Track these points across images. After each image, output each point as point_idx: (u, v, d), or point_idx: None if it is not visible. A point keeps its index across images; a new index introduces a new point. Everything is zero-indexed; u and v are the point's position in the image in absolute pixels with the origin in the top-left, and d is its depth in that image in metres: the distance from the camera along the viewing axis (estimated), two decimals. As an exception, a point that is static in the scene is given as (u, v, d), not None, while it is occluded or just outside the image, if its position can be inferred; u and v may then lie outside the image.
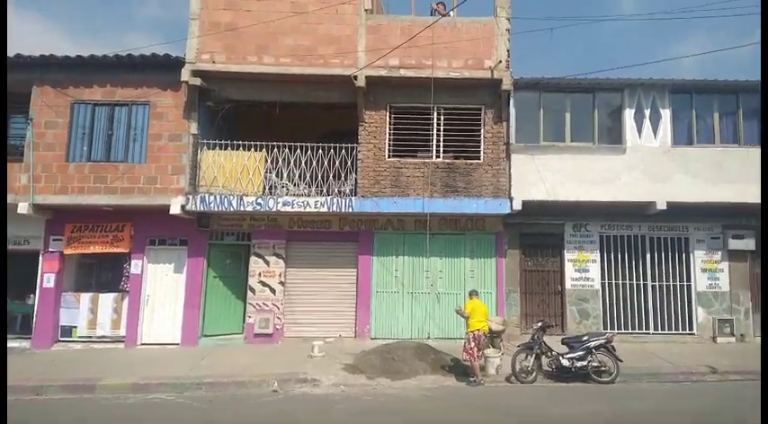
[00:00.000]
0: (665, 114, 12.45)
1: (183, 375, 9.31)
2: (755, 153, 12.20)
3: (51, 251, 11.92)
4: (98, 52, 11.88)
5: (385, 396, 8.40)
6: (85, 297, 12.10)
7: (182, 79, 11.63)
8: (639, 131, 12.41)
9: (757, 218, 12.43)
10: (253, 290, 12.23)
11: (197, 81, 11.71)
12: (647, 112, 12.45)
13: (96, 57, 11.77)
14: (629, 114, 12.46)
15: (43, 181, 11.55)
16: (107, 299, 12.10)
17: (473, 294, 9.96)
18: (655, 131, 12.41)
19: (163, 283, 12.21)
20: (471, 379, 9.21)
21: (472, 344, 9.33)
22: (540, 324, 9.87)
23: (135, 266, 12.10)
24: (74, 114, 11.94)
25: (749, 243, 12.48)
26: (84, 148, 11.87)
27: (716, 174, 12.13)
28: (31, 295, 12.05)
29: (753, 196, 11.91)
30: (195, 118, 12.00)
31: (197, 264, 12.18)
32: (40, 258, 11.96)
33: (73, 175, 11.63)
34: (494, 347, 10.36)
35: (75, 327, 11.96)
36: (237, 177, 11.94)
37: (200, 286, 12.14)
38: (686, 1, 13.62)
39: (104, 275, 12.58)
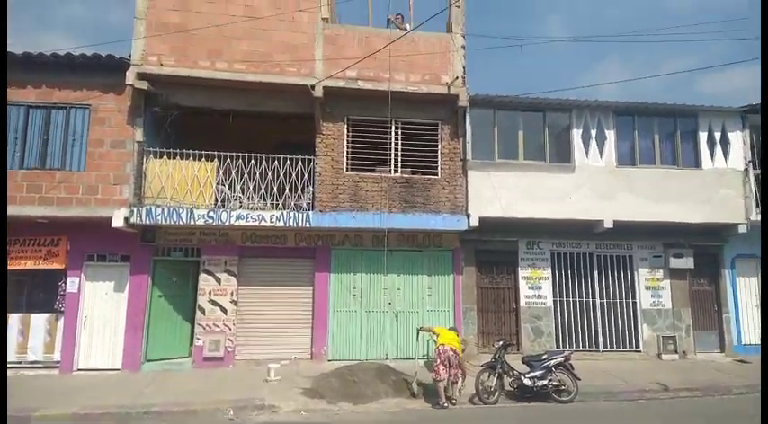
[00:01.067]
0: (610, 135, 12.93)
1: (128, 404, 8.58)
2: (693, 174, 12.91)
3: (-26, 267, 10.77)
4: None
5: (350, 422, 8.07)
6: (15, 318, 10.97)
7: (126, 82, 10.85)
8: (587, 151, 12.81)
9: (695, 238, 13.12)
10: (202, 310, 11.53)
11: (143, 84, 11.00)
12: (594, 133, 12.88)
13: (31, 56, 10.79)
14: (576, 134, 12.85)
15: (-33, 189, 10.45)
16: (40, 320, 11.04)
17: (452, 329, 10.08)
18: (601, 151, 12.85)
19: (102, 302, 11.28)
20: (438, 402, 8.97)
21: (437, 361, 9.14)
22: (501, 343, 9.85)
23: (71, 284, 11.13)
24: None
25: (688, 262, 13.08)
26: (17, 154, 10.87)
27: (657, 194, 12.68)
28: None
29: (691, 216, 12.58)
30: (141, 124, 11.24)
31: (140, 282, 11.35)
32: (-39, 274, 10.79)
33: (3, 183, 10.60)
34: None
35: (3, 351, 10.84)
36: (187, 188, 11.27)
37: (144, 305, 11.30)
38: (605, 24, 14.29)
39: (37, 293, 11.40)
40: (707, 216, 12.71)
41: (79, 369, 10.94)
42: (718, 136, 13.16)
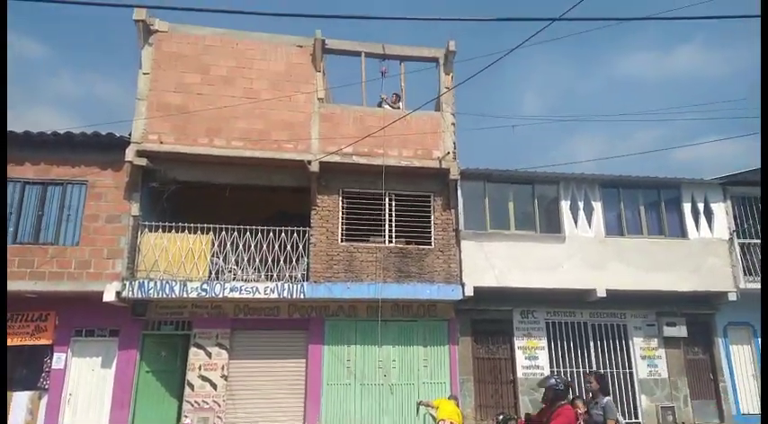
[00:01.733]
0: (597, 206, 13.30)
1: (114, 488, 8.15)
2: (680, 244, 13.22)
3: (-42, 343, 10.47)
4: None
5: None
6: (-6, 397, 10.58)
7: (126, 159, 11.11)
8: (576, 221, 13.12)
9: (687, 306, 13.22)
10: (191, 386, 11.19)
11: (142, 161, 11.25)
12: (581, 204, 13.25)
13: (31, 134, 11.08)
14: (565, 205, 13.20)
15: (-43, 264, 10.34)
16: (21, 398, 10.60)
17: (452, 397, 9.87)
18: (589, 221, 13.16)
19: (88, 379, 10.96)
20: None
21: (439, 436, 8.92)
22: (501, 417, 9.56)
23: (57, 360, 10.83)
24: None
25: (681, 330, 13.09)
26: (10, 229, 10.87)
27: (647, 263, 12.88)
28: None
29: (681, 285, 12.75)
30: (137, 198, 11.40)
31: (128, 357, 11.08)
32: (-58, 351, 10.45)
33: (-6, 258, 10.52)
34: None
35: (-21, 434, 10.33)
36: (181, 261, 11.27)
37: (131, 382, 10.97)
38: (580, 100, 15.07)
39: (19, 370, 11.05)
40: (696, 285, 12.88)
41: (61, 451, 10.43)
42: (701, 206, 13.57)
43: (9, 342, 10.68)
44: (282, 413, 11.48)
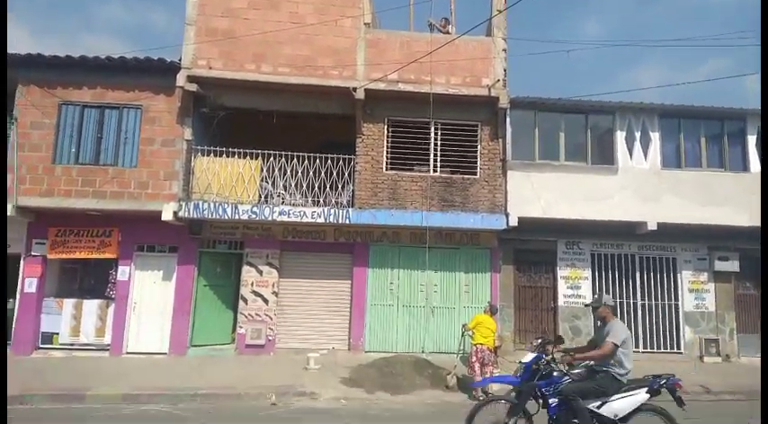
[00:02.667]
0: (655, 137, 12.77)
1: (176, 386, 8.96)
2: (740, 178, 12.66)
3: (34, 255, 11.43)
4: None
5: (390, 411, 8.25)
6: (68, 303, 11.62)
7: (177, 84, 11.36)
8: (630, 153, 12.69)
9: (742, 241, 12.79)
10: (245, 300, 11.94)
11: (193, 86, 11.47)
12: (638, 135, 12.75)
13: (87, 59, 11.44)
14: (620, 136, 12.74)
15: (28, 183, 11.10)
16: (91, 306, 11.65)
17: (491, 308, 9.99)
18: (645, 153, 12.70)
19: (151, 290, 11.82)
20: (473, 394, 9.12)
21: (474, 358, 9.28)
22: (540, 341, 9.75)
23: (122, 272, 11.70)
24: (61, 115, 11.56)
25: (734, 265, 12.79)
26: (73, 150, 11.48)
27: (703, 197, 12.45)
28: (11, 300, 11.48)
29: (738, 219, 12.32)
30: (189, 123, 11.74)
31: (187, 272, 11.84)
32: (21, 261, 11.46)
33: (60, 177, 11.22)
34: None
35: (57, 334, 11.47)
36: (232, 185, 11.70)
37: (190, 294, 11.79)
38: (641, 27, 14.09)
39: (88, 281, 12.12)
40: (754, 220, 12.36)
41: (128, 352, 11.49)
42: (768, 138, 12.83)
43: (77, 255, 11.62)
44: (329, 329, 12.16)
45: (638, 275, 13.04)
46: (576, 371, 5.79)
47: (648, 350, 12.66)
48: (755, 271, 13.14)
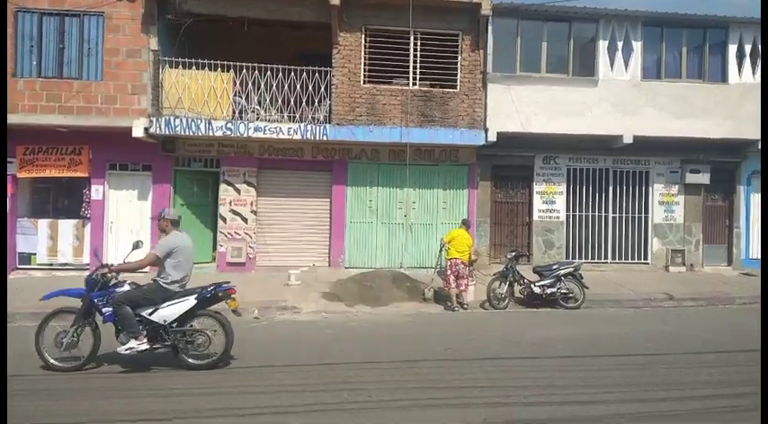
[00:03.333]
0: (637, 47, 12.57)
1: (159, 303, 9.09)
2: (718, 89, 12.66)
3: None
4: None
5: (369, 322, 8.55)
6: (43, 223, 11.47)
7: (138, -13, 10.64)
8: (612, 63, 12.52)
9: (714, 153, 13.03)
10: (224, 219, 11.91)
11: (156, -10, 10.75)
12: (620, 45, 12.51)
13: (42, -40, 10.56)
14: (602, 46, 12.49)
15: (-12, 98, 10.55)
16: (67, 225, 11.52)
17: (464, 224, 10.12)
18: (626, 64, 12.55)
19: (126, 209, 11.68)
20: (448, 304, 9.51)
21: (449, 272, 9.57)
22: (513, 254, 10.15)
23: (96, 191, 11.47)
24: (18, 23, 10.83)
25: (705, 177, 13.07)
26: (34, 63, 10.88)
27: (680, 109, 12.48)
28: (-17, 222, 11.27)
29: (712, 131, 12.46)
30: (155, 32, 11.10)
31: (162, 191, 11.66)
32: (-10, 181, 11.14)
33: (23, 92, 10.69)
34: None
35: (35, 254, 11.42)
36: (204, 99, 11.27)
37: (168, 213, 11.67)
38: None
39: (62, 200, 11.85)
40: (729, 132, 12.57)
41: (108, 271, 11.49)
42: (748, 48, 12.75)
43: (47, 174, 11.32)
44: (309, 246, 12.32)
45: (610, 188, 13.28)
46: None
47: (616, 261, 13.18)
48: (725, 183, 13.54)
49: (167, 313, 5.80)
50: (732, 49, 12.76)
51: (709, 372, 5.96)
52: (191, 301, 5.87)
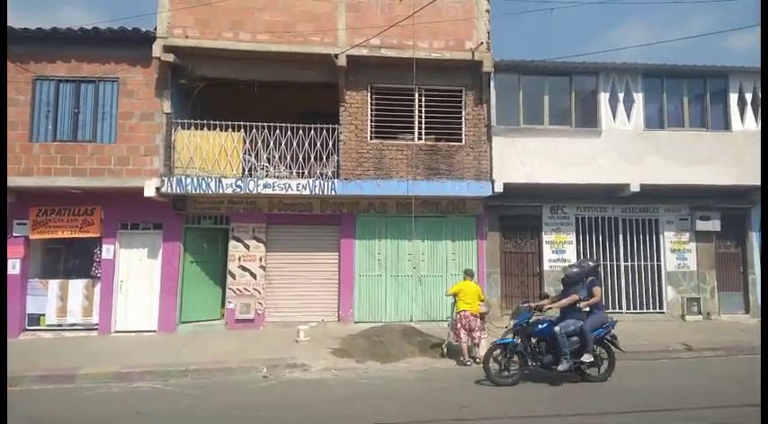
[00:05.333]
0: (638, 98, 12.78)
1: (167, 363, 8.98)
2: (722, 137, 12.77)
3: (16, 236, 11.22)
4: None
5: (380, 379, 8.34)
6: (54, 284, 11.52)
7: (153, 55, 11.08)
8: (614, 114, 12.70)
9: (722, 200, 12.99)
10: (233, 275, 11.92)
11: (169, 57, 11.17)
12: (621, 96, 12.75)
13: (60, 31, 11.09)
14: (603, 97, 12.72)
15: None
16: (77, 285, 11.56)
17: (467, 274, 9.95)
18: (628, 114, 12.73)
19: (137, 268, 11.72)
20: (461, 359, 9.30)
21: (458, 325, 9.40)
22: (525, 305, 9.88)
23: (107, 251, 11.56)
24: (36, 90, 11.28)
25: (715, 224, 12.99)
26: (50, 127, 11.23)
27: (686, 157, 12.55)
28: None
29: (719, 178, 12.48)
30: (168, 96, 11.48)
31: (173, 249, 11.74)
32: (3, 243, 11.28)
33: (38, 156, 11.00)
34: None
35: (44, 315, 11.40)
36: (215, 158, 11.51)
37: (177, 271, 11.70)
38: None
39: (73, 260, 11.92)
40: (736, 179, 12.57)
41: (117, 331, 11.47)
42: (749, 97, 12.94)
43: (59, 235, 11.45)
44: (318, 301, 12.22)
45: (621, 237, 13.22)
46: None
47: (631, 311, 12.94)
48: (736, 230, 13.43)
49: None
50: (733, 98, 12.96)
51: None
52: None
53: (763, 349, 4.76)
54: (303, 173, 11.68)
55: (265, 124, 11.63)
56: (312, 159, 11.72)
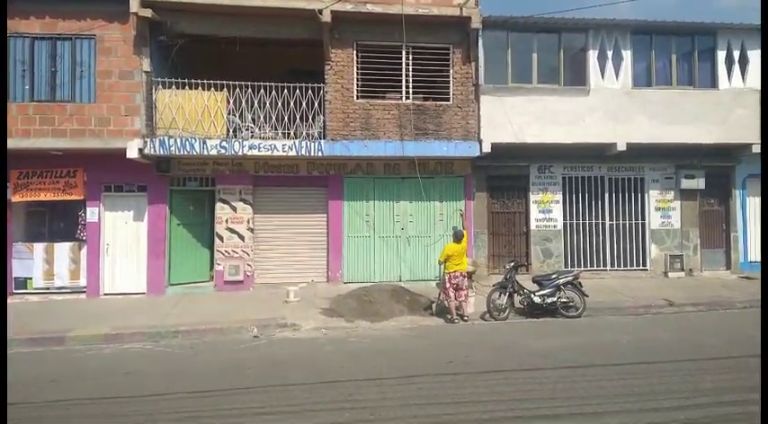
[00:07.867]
0: (627, 55, 12.65)
1: (157, 324, 9.01)
2: (708, 95, 12.75)
3: (-4, 199, 11.04)
4: None
5: (369, 337, 8.47)
6: (39, 247, 11.40)
7: (131, 10, 10.62)
8: (602, 73, 12.59)
9: (707, 158, 13.09)
10: (220, 237, 11.86)
11: (147, 12, 10.76)
12: (610, 54, 12.60)
13: (32, -15, 10.62)
14: (592, 55, 12.57)
15: (-18, 124, 10.53)
16: (63, 248, 11.46)
17: (456, 236, 9.90)
18: (617, 72, 12.62)
19: (123, 231, 11.61)
20: (448, 317, 9.46)
21: (448, 285, 9.52)
22: (512, 264, 10.11)
23: (91, 214, 11.41)
24: (10, 49, 10.83)
25: (700, 183, 13.10)
26: (26, 87, 10.89)
27: (672, 115, 12.53)
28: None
29: (704, 137, 12.52)
30: (147, 53, 11.14)
31: (158, 211, 11.62)
32: (-16, 207, 11.08)
33: (16, 117, 10.69)
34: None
35: (31, 278, 11.33)
36: (198, 119, 11.27)
37: (164, 233, 11.61)
38: None
39: (57, 224, 11.77)
40: (721, 137, 12.62)
41: (106, 294, 11.44)
42: (737, 54, 12.86)
43: (42, 197, 11.26)
44: (307, 262, 12.25)
45: (606, 196, 13.31)
46: None
47: (615, 269, 13.17)
48: (720, 188, 13.58)
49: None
50: (721, 56, 12.87)
51: (713, 379, 5.93)
52: None
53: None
54: (289, 134, 11.51)
55: (249, 83, 11.35)
56: (298, 119, 11.52)
